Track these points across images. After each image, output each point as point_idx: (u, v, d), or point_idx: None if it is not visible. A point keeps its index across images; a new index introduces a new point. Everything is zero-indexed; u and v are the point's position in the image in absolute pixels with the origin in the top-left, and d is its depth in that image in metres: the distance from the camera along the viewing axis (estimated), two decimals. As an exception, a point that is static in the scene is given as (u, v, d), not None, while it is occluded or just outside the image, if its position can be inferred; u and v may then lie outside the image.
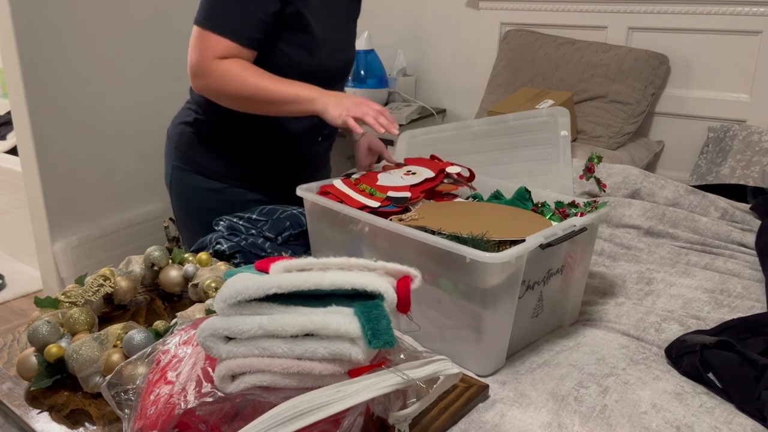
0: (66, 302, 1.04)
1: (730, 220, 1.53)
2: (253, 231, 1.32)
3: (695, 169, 2.12)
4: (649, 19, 2.29)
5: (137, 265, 1.20)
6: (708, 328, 1.09)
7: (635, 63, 2.23)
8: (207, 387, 0.71)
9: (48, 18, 2.23)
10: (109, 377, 0.80)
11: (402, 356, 0.77)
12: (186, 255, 1.22)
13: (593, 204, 1.11)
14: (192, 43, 1.29)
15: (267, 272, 0.75)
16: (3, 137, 3.31)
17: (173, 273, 1.18)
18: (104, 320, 1.10)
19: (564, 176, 1.33)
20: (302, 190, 1.22)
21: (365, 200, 1.14)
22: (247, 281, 0.69)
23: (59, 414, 0.87)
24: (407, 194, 1.16)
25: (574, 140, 2.28)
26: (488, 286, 0.93)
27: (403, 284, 0.76)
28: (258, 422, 0.63)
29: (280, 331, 0.68)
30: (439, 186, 1.24)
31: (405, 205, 1.14)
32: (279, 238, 1.31)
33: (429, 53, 2.92)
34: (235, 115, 1.36)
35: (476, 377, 0.96)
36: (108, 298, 1.13)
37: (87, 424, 0.85)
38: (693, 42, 2.24)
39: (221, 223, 1.34)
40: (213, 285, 1.10)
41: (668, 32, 2.27)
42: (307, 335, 0.69)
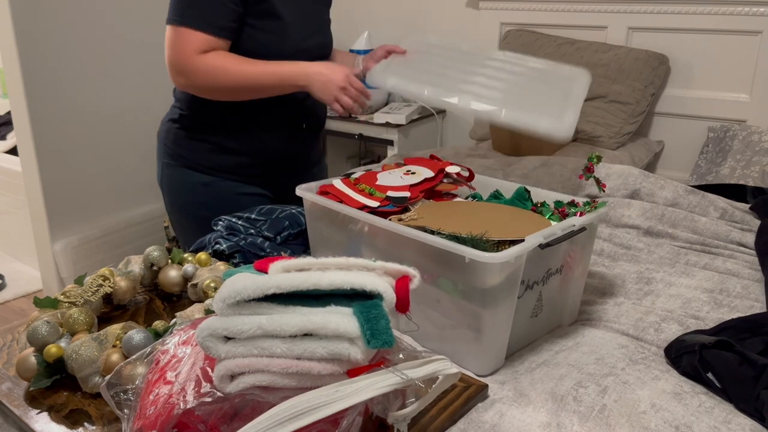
0: (65, 302, 1.04)
1: (730, 220, 1.53)
2: (252, 231, 1.32)
3: (695, 169, 2.12)
4: (649, 19, 2.29)
5: (136, 265, 1.20)
6: (707, 328, 1.09)
7: (635, 63, 2.23)
8: (206, 387, 0.71)
9: (48, 18, 2.23)
10: (109, 377, 0.80)
11: (401, 356, 0.77)
12: (185, 255, 1.22)
13: (592, 204, 1.11)
14: (168, 43, 1.31)
15: (266, 272, 0.75)
16: (3, 137, 3.31)
17: (172, 273, 1.18)
18: (103, 320, 1.10)
19: (568, 117, 1.25)
20: (302, 190, 1.22)
21: (365, 200, 1.14)
22: (246, 281, 0.69)
23: (58, 414, 0.87)
24: (407, 194, 1.16)
25: (574, 140, 2.28)
26: (487, 286, 0.93)
27: (402, 284, 0.76)
28: (257, 422, 0.63)
29: (279, 331, 0.68)
30: (439, 186, 1.24)
31: (404, 205, 1.14)
32: (278, 238, 1.31)
33: (429, 53, 2.92)
34: (216, 108, 1.39)
35: (475, 377, 0.96)
36: (107, 298, 1.13)
37: (86, 424, 0.85)
38: (693, 42, 2.24)
39: (220, 223, 1.34)
40: (212, 285, 1.10)
41: (668, 32, 2.27)
42: (306, 335, 0.69)
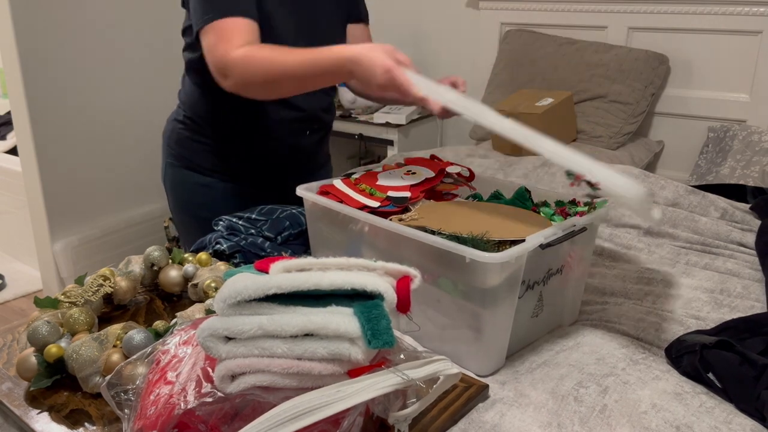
0: (66, 302, 1.04)
1: (730, 220, 1.53)
2: (253, 231, 1.32)
3: (695, 169, 2.12)
4: (649, 19, 2.29)
5: (137, 265, 1.20)
6: (708, 328, 1.09)
7: (635, 63, 2.23)
8: (207, 387, 0.71)
9: (48, 18, 2.23)
10: (109, 377, 0.80)
11: (402, 356, 0.77)
12: (186, 255, 1.22)
13: (591, 204, 1.11)
14: (206, 48, 1.22)
15: (267, 272, 0.75)
16: (3, 137, 3.31)
17: (173, 273, 1.18)
18: (104, 320, 1.10)
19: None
20: (302, 190, 1.22)
21: (365, 200, 1.14)
22: (247, 281, 0.69)
23: (59, 414, 0.87)
24: (407, 194, 1.16)
25: (574, 140, 2.28)
26: (488, 286, 0.93)
27: (403, 284, 0.76)
28: (258, 422, 0.63)
29: (280, 331, 0.68)
30: (439, 186, 1.24)
31: (405, 205, 1.14)
32: (278, 238, 1.31)
33: (429, 53, 2.92)
34: (220, 112, 1.37)
35: (476, 377, 0.96)
36: (108, 298, 1.13)
37: (87, 424, 0.85)
38: (693, 42, 2.24)
39: (220, 223, 1.34)
40: (213, 285, 1.10)
41: (668, 32, 2.27)
42: (307, 335, 0.69)
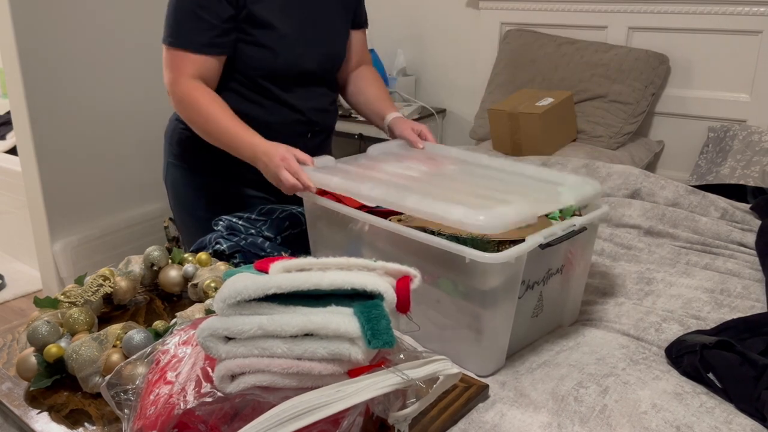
0: (65, 302, 1.04)
1: (730, 220, 1.53)
2: (253, 231, 1.31)
3: (695, 169, 2.12)
4: (649, 19, 2.29)
5: (137, 265, 1.20)
6: (708, 328, 1.09)
7: (635, 63, 2.23)
8: (206, 387, 0.71)
9: (48, 18, 2.23)
10: (109, 377, 0.80)
11: (402, 356, 0.77)
12: (185, 255, 1.21)
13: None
14: (164, 63, 1.32)
15: (266, 272, 0.75)
16: (3, 137, 3.30)
17: (173, 273, 1.18)
18: (104, 320, 1.10)
19: None
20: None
21: (363, 199, 1.14)
22: (247, 281, 0.69)
23: (59, 414, 0.87)
24: None
25: (574, 140, 2.28)
26: (488, 287, 0.93)
27: (403, 284, 0.76)
28: (257, 422, 0.63)
29: (280, 331, 0.68)
30: None
31: None
32: (278, 238, 1.31)
33: (429, 53, 2.92)
34: None
35: (476, 377, 0.96)
36: (107, 298, 1.13)
37: (86, 424, 0.85)
38: (693, 42, 2.24)
39: (220, 223, 1.34)
40: (212, 285, 1.10)
41: (668, 32, 2.27)
42: (307, 335, 0.69)
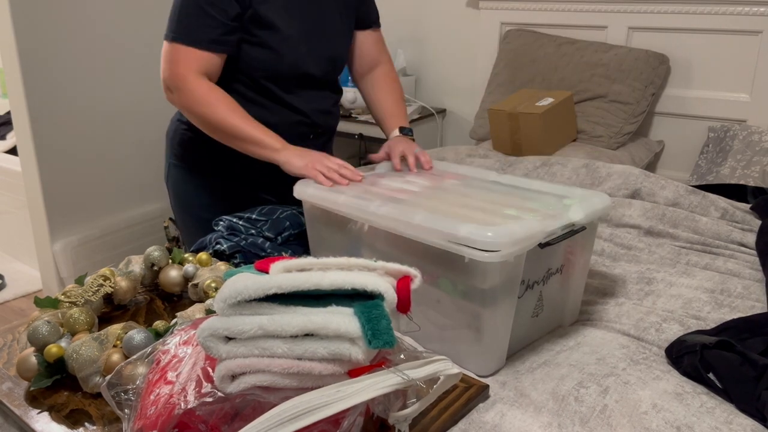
0: (66, 302, 1.04)
1: (731, 220, 1.53)
2: (253, 231, 1.31)
3: (695, 169, 2.12)
4: (649, 19, 2.29)
5: (137, 265, 1.20)
6: (708, 328, 1.09)
7: (635, 63, 2.23)
8: (207, 387, 0.71)
9: (48, 18, 2.23)
10: (109, 377, 0.80)
11: (402, 356, 0.77)
12: (186, 255, 1.21)
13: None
14: (163, 57, 1.32)
15: (267, 272, 0.75)
16: (3, 137, 3.30)
17: (173, 273, 1.18)
18: (104, 320, 1.10)
19: None
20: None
21: None
22: (247, 281, 0.69)
23: (59, 414, 0.87)
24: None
25: (574, 140, 2.28)
26: (487, 286, 0.93)
27: (403, 284, 0.76)
28: (258, 422, 0.63)
29: (280, 332, 0.68)
30: None
31: None
32: (279, 238, 1.31)
33: (429, 53, 2.92)
34: None
35: (476, 377, 0.96)
36: (108, 298, 1.13)
37: (87, 424, 0.85)
38: (693, 42, 2.24)
39: (221, 223, 1.34)
40: (213, 285, 1.10)
41: (668, 32, 2.27)
42: (307, 335, 0.69)
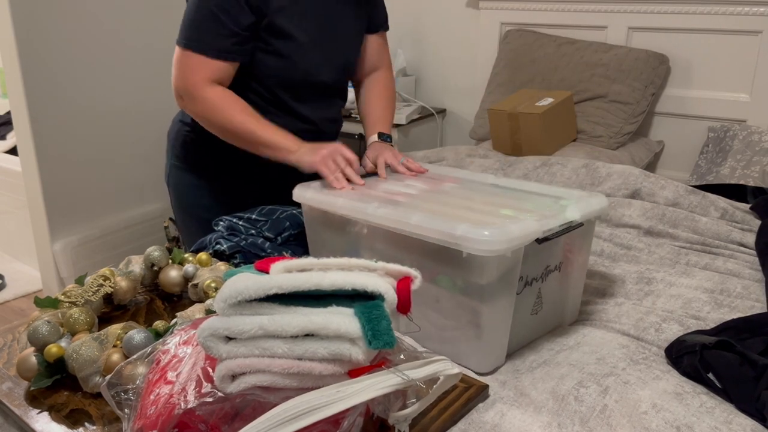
0: (66, 302, 1.04)
1: (730, 220, 1.53)
2: (253, 231, 1.32)
3: (695, 169, 2.12)
4: (649, 19, 2.29)
5: (137, 265, 1.20)
6: (708, 328, 1.09)
7: (635, 63, 2.23)
8: (207, 387, 0.71)
9: (48, 18, 2.23)
10: (109, 377, 0.80)
11: (402, 356, 0.77)
12: (186, 255, 1.22)
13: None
14: (175, 64, 1.31)
15: (267, 272, 0.75)
16: (3, 137, 3.30)
17: (173, 273, 1.18)
18: (104, 320, 1.10)
19: None
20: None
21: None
22: (248, 281, 0.69)
23: (59, 414, 0.87)
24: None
25: (574, 140, 2.28)
26: (485, 281, 0.93)
27: (404, 285, 0.76)
28: (258, 422, 0.63)
29: (281, 332, 0.68)
30: None
31: None
32: (279, 238, 1.31)
33: (429, 53, 2.92)
34: None
35: (476, 376, 0.96)
36: (108, 298, 1.13)
37: (87, 424, 0.85)
38: (693, 42, 2.24)
39: (221, 224, 1.34)
40: (213, 285, 1.10)
41: (668, 32, 2.27)
42: (308, 335, 0.69)
